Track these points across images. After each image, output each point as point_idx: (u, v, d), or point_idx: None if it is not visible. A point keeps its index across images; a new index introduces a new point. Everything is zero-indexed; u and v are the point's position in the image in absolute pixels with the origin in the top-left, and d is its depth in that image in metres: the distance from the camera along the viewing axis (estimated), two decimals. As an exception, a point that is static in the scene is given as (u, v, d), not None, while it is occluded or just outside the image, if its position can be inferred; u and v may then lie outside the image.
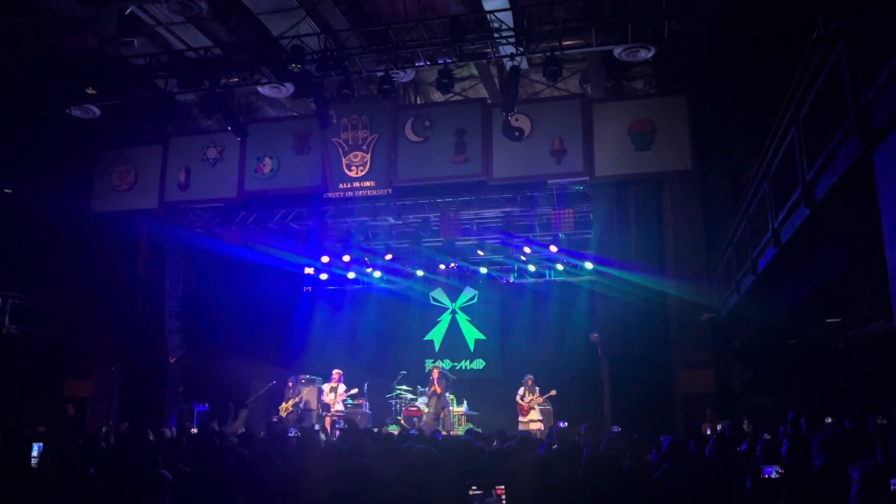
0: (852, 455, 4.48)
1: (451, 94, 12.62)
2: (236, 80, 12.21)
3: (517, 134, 12.26)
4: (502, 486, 2.76)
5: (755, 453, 5.78)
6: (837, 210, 5.37)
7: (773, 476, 4.01)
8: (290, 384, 15.22)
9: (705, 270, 11.63)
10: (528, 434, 9.50)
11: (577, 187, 13.23)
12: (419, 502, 3.32)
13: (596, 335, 13.66)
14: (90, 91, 12.16)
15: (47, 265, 14.64)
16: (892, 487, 3.44)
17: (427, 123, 12.72)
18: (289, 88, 12.02)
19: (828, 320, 10.37)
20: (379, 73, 11.50)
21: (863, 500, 3.67)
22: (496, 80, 12.88)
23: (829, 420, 7.19)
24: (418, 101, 14.05)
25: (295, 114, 14.08)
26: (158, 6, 10.73)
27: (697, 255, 11.73)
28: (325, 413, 14.66)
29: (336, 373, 14.94)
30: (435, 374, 15.10)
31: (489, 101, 12.90)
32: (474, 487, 2.75)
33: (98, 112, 12.69)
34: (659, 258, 12.03)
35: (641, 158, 11.87)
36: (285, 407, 14.87)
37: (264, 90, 12.17)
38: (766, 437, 7.00)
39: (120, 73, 12.22)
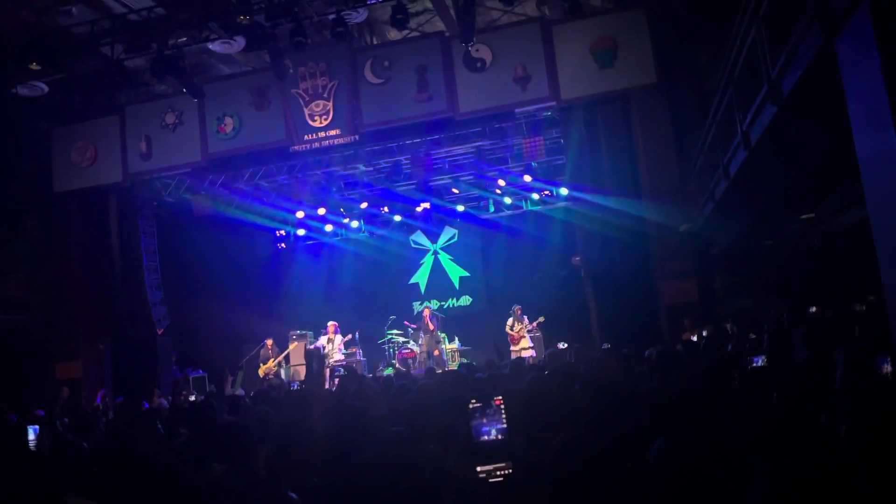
0: (833, 343, 4.61)
1: (408, 31, 12.30)
2: (184, 39, 11.78)
3: (479, 65, 12.05)
4: (500, 397, 2.86)
5: (742, 352, 5.93)
6: (805, 104, 5.37)
7: (759, 365, 4.12)
8: (269, 344, 15.13)
9: (679, 182, 11.68)
10: (519, 360, 9.67)
11: (545, 113, 13.09)
12: (412, 437, 3.38)
13: (577, 259, 13.77)
14: (34, 67, 11.66)
15: (20, 250, 14.36)
16: (882, 368, 3.56)
17: (386, 64, 12.43)
18: (240, 42, 11.62)
19: (802, 217, 10.52)
20: (331, 16, 11.15)
21: (849, 382, 3.79)
22: (452, 12, 12.55)
23: (814, 309, 7.37)
24: (375, 42, 13.70)
25: (250, 68, 13.69)
26: (92, -31, 10.25)
27: (670, 167, 11.76)
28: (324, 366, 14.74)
29: (331, 324, 14.96)
30: (426, 313, 15.24)
31: (447, 34, 12.59)
32: (474, 401, 2.85)
33: (46, 88, 12.23)
34: (633, 176, 12.04)
35: (606, 76, 11.75)
36: (266, 368, 14.83)
37: (215, 47, 11.76)
38: (752, 336, 7.19)
39: (62, 44, 11.73)
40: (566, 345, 11.59)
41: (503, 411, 2.84)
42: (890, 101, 3.81)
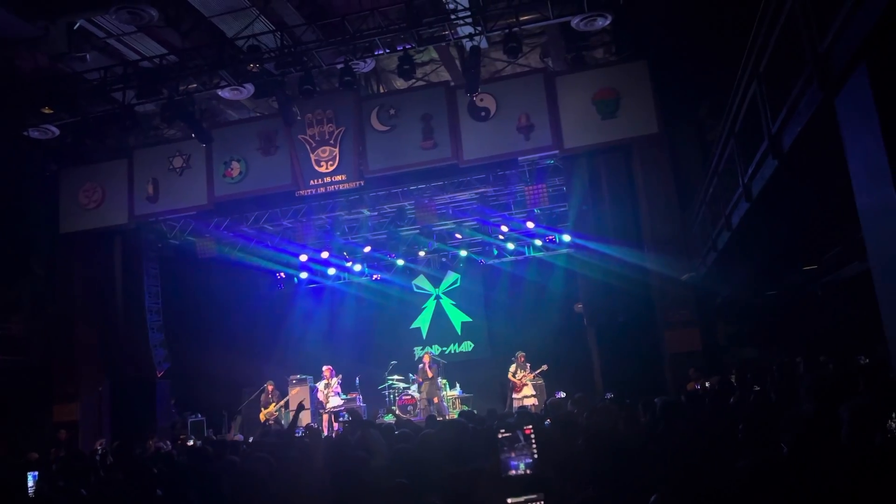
0: (839, 397, 4.58)
1: (414, 80, 12.55)
2: (195, 85, 12.04)
3: (483, 114, 12.26)
4: (530, 426, 2.80)
5: (746, 404, 5.89)
6: (805, 159, 5.44)
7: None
8: (270, 389, 15.01)
9: (681, 232, 11.74)
10: (524, 409, 9.59)
11: (548, 161, 13.26)
12: (413, 489, 3.34)
13: (580, 306, 13.74)
14: (46, 110, 11.90)
15: (22, 291, 14.39)
16: (889, 424, 3.53)
17: (392, 111, 12.65)
18: (249, 89, 11.86)
19: (804, 268, 10.54)
20: (339, 66, 11.39)
21: (854, 438, 3.76)
22: (457, 62, 12.83)
23: (822, 358, 7.35)
24: (381, 90, 13.96)
25: (258, 114, 13.93)
26: (107, 18, 10.51)
27: (672, 217, 11.83)
28: (321, 410, 14.62)
29: (327, 368, 14.88)
30: (426, 359, 15.13)
31: (452, 84, 12.85)
32: (503, 431, 2.80)
33: (57, 131, 12.45)
34: (634, 224, 12.12)
35: (608, 126, 11.93)
36: (267, 413, 14.68)
37: (224, 93, 12.00)
38: (756, 388, 7.13)
39: (75, 89, 11.97)
40: (564, 394, 11.49)
41: (533, 442, 2.77)
42: (889, 158, 3.87)
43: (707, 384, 9.35)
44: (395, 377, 15.94)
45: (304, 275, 18.28)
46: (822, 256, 9.58)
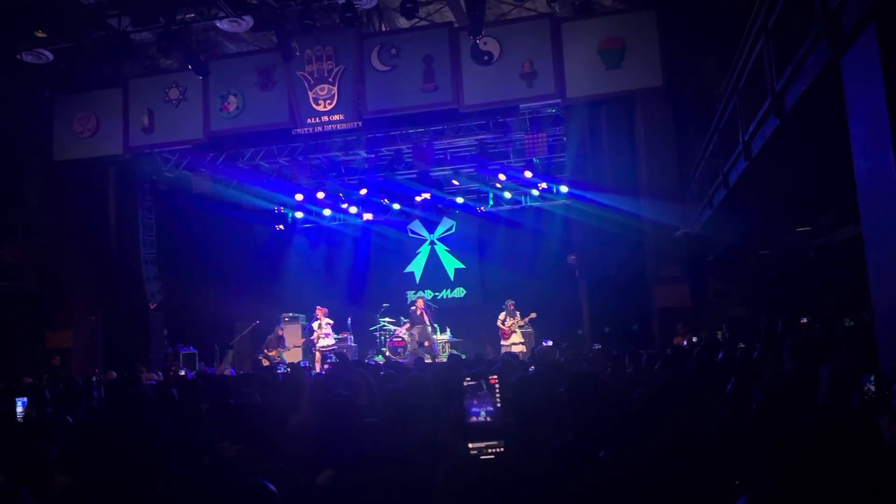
0: (821, 357, 4.65)
1: (417, 20, 12.26)
2: (193, 15, 11.72)
3: (486, 58, 12.01)
4: (495, 376, 2.84)
5: (733, 361, 5.97)
6: (807, 119, 5.39)
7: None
8: (280, 333, 14.91)
9: (678, 187, 11.70)
10: (511, 356, 9.72)
11: (549, 110, 13.10)
12: (390, 430, 3.40)
13: (573, 257, 13.80)
14: (40, 34, 11.62)
15: (16, 217, 14.32)
16: (865, 387, 3.59)
17: (393, 51, 12.40)
18: (248, 21, 11.56)
19: (798, 229, 10.56)
20: (340, 1, 11.10)
21: (832, 398, 3.83)
22: (462, 3, 12.50)
23: (805, 320, 7.42)
24: (383, 29, 13.65)
25: (257, 48, 13.64)
26: (103, -61, 10.18)
27: (670, 172, 11.77)
28: (313, 349, 14.78)
29: (320, 309, 14.97)
30: (419, 303, 15.24)
31: (456, 26, 12.56)
32: (468, 379, 2.85)
33: (51, 56, 12.16)
34: (632, 177, 12.05)
35: (612, 77, 11.75)
36: (271, 354, 14.68)
37: (223, 25, 11.70)
38: (741, 346, 7.24)
39: (70, 13, 11.67)
40: (551, 342, 11.65)
41: (497, 391, 2.80)
42: (891, 121, 3.84)
43: (694, 339, 9.47)
44: (387, 319, 16.10)
45: (299, 214, 18.25)
46: (816, 218, 9.59)
